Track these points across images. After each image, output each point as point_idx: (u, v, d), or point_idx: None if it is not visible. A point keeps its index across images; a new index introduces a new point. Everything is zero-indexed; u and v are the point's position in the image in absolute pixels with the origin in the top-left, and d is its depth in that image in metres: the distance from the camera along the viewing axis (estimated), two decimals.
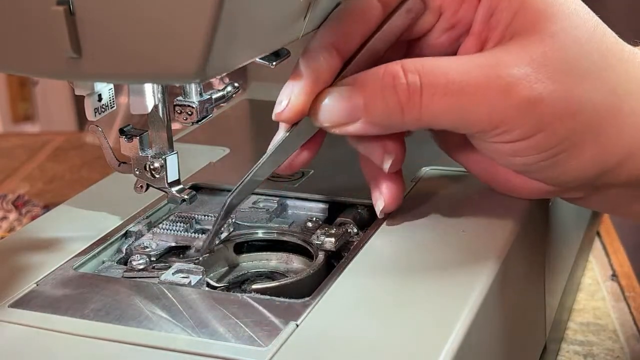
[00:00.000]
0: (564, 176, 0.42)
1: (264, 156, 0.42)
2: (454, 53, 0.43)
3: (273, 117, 0.41)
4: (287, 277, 0.45)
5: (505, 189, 0.46)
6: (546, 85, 0.39)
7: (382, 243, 0.43)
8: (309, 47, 0.41)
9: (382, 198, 0.44)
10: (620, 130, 0.41)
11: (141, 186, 0.46)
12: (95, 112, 0.42)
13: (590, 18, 0.42)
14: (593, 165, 0.41)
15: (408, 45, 0.44)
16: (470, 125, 0.40)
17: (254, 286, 0.41)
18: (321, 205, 0.49)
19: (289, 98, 0.40)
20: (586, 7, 0.42)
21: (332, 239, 0.44)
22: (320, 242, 0.44)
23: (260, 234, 0.47)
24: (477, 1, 0.42)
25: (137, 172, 0.45)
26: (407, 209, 0.46)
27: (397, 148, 0.43)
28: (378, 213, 0.45)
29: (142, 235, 0.46)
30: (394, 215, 0.46)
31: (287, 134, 0.41)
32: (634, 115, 0.41)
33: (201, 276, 0.41)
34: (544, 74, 0.39)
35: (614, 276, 0.66)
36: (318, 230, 0.45)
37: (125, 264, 0.44)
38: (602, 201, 0.46)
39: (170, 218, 0.47)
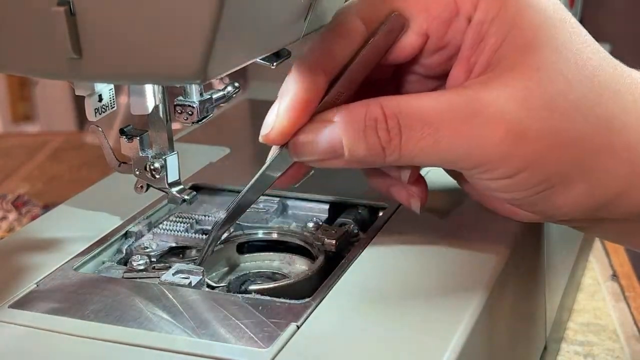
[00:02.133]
0: (554, 210, 0.41)
1: (249, 183, 0.42)
2: (446, 73, 0.42)
3: (260, 139, 0.40)
4: (287, 278, 0.45)
5: (504, 213, 0.45)
6: (529, 123, 0.38)
7: (383, 243, 0.43)
8: (294, 68, 0.40)
9: (415, 197, 0.43)
10: (613, 166, 0.40)
11: (141, 186, 0.46)
12: (95, 113, 0.42)
13: (583, 48, 0.40)
14: (584, 201, 0.40)
15: (398, 67, 0.43)
16: (451, 165, 0.40)
17: (254, 287, 0.41)
18: (322, 206, 0.49)
19: (275, 120, 0.39)
20: (584, 33, 0.41)
21: (333, 240, 0.44)
22: (320, 243, 0.44)
23: (260, 234, 0.47)
24: (465, 24, 0.40)
25: (138, 173, 0.45)
26: (407, 209, 0.46)
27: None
28: (418, 210, 0.43)
29: (142, 236, 0.46)
30: (395, 216, 0.46)
31: (271, 159, 0.41)
32: (627, 151, 0.40)
33: (201, 277, 0.41)
34: (525, 110, 0.38)
35: (614, 276, 0.66)
36: (318, 231, 0.45)
37: (126, 264, 0.44)
38: (605, 232, 0.45)
39: (170, 218, 0.47)
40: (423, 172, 0.51)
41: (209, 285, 0.42)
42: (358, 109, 0.39)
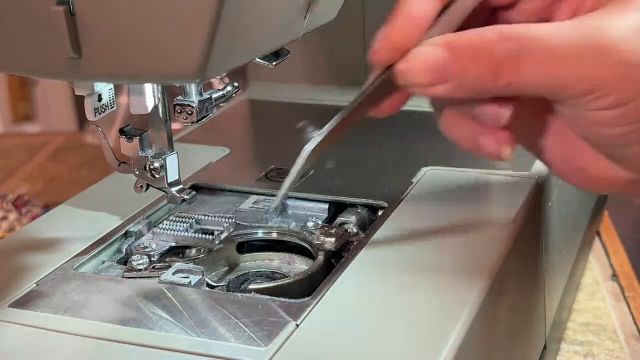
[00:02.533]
0: None
1: (352, 100, 0.40)
2: (541, 21, 0.41)
3: (369, 57, 0.39)
4: (287, 277, 0.45)
5: (579, 179, 0.43)
6: None
7: (382, 243, 0.43)
8: None
9: (505, 143, 0.41)
10: None
11: (141, 186, 0.46)
12: (95, 112, 0.42)
13: None
14: None
15: (494, 13, 0.43)
16: (565, 90, 0.39)
17: (253, 286, 0.41)
18: (321, 206, 0.49)
19: (385, 37, 0.38)
20: None
21: (332, 239, 0.44)
22: (320, 242, 0.44)
23: (260, 233, 0.47)
24: None
25: (137, 172, 0.45)
26: (407, 208, 0.47)
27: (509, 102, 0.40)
28: (510, 156, 0.41)
29: (142, 235, 0.46)
30: (395, 215, 0.46)
31: (376, 80, 0.39)
32: None
33: (201, 276, 0.41)
34: None
35: (614, 276, 0.66)
36: (318, 230, 0.45)
37: (125, 264, 0.44)
38: None
39: (170, 218, 0.47)
40: (421, 172, 0.51)
41: (208, 285, 0.42)
42: (470, 34, 0.38)
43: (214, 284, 0.42)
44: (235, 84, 0.47)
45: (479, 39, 0.38)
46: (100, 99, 0.42)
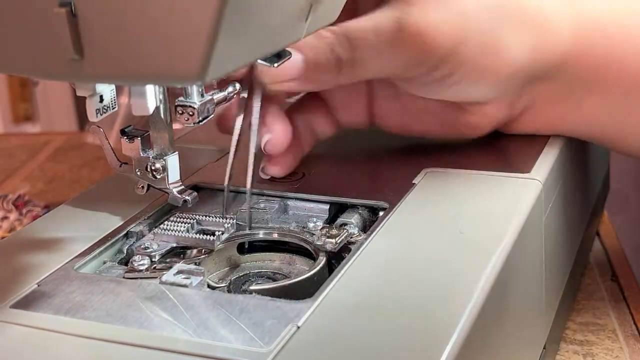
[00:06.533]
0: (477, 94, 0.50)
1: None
2: None
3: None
4: (288, 278, 0.45)
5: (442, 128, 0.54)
6: (446, 9, 0.46)
7: (383, 244, 0.43)
8: None
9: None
10: (513, 39, 0.48)
11: (142, 187, 0.46)
12: (96, 113, 0.42)
13: None
14: (507, 75, 0.49)
15: None
16: (390, 64, 0.47)
17: (255, 287, 0.41)
18: (322, 206, 0.49)
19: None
20: None
21: (333, 240, 0.44)
22: (321, 243, 0.44)
23: (261, 234, 0.47)
24: None
25: (138, 173, 0.45)
26: (407, 209, 0.47)
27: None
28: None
29: (143, 236, 0.47)
30: (396, 216, 0.46)
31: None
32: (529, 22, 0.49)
33: (202, 277, 0.41)
34: (442, 23, 0.46)
35: (614, 276, 0.66)
36: (319, 231, 0.45)
37: (127, 264, 0.44)
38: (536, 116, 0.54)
39: (171, 219, 0.48)
40: (422, 173, 0.51)
41: (209, 286, 0.42)
42: (314, 37, 0.45)
43: (215, 285, 0.43)
44: (236, 85, 0.47)
45: (322, 37, 0.45)
46: (101, 100, 0.42)
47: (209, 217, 0.47)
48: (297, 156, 0.52)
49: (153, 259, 0.44)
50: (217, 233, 0.45)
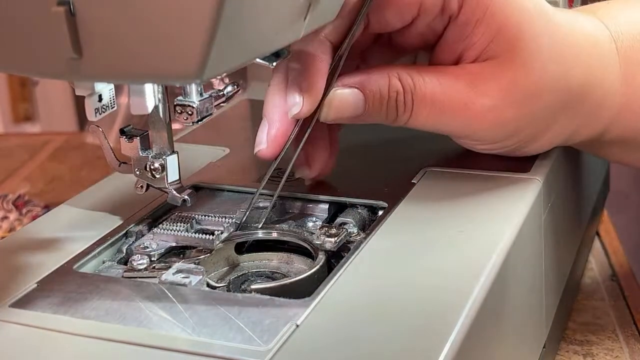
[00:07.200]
0: (531, 151, 0.51)
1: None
2: (413, 49, 0.51)
3: (290, 114, 0.45)
4: (287, 277, 0.45)
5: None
6: (513, 111, 0.47)
7: (382, 243, 0.43)
8: (303, 49, 0.45)
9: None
10: (573, 118, 0.50)
11: (141, 186, 0.46)
12: (95, 113, 0.42)
13: (558, 29, 0.48)
14: (550, 145, 0.51)
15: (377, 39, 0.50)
16: (447, 132, 0.50)
17: (254, 286, 0.41)
18: (322, 206, 0.49)
19: (302, 97, 0.45)
20: (560, 18, 0.49)
21: (333, 239, 0.44)
22: (320, 242, 0.44)
23: (260, 234, 0.47)
24: (447, 20, 0.47)
25: (138, 172, 0.45)
26: (406, 209, 0.47)
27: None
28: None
29: (143, 235, 0.47)
30: (394, 215, 0.46)
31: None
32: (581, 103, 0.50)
33: (201, 276, 0.41)
34: (510, 100, 0.47)
35: (614, 276, 0.66)
36: (318, 231, 0.45)
37: (126, 264, 0.44)
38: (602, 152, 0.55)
39: (170, 218, 0.48)
40: (421, 173, 0.51)
41: (209, 285, 0.42)
42: (380, 80, 0.47)
43: (215, 284, 0.43)
44: (236, 84, 0.47)
45: (389, 86, 0.47)
46: (100, 99, 0.42)
47: (208, 216, 0.47)
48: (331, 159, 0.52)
49: (152, 259, 0.44)
50: (216, 232, 0.45)
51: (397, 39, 0.50)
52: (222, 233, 0.46)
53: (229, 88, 0.47)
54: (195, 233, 0.46)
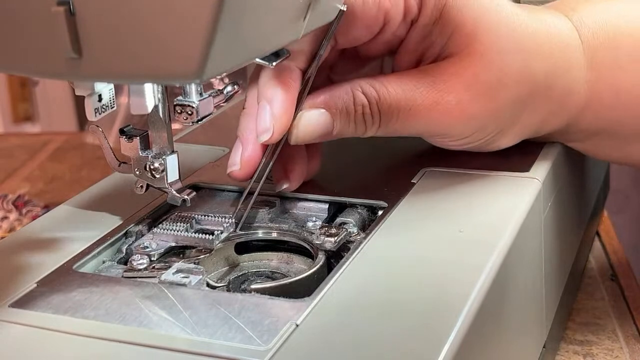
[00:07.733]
0: (497, 146, 0.52)
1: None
2: (379, 56, 0.52)
3: (260, 140, 0.46)
4: (287, 277, 0.45)
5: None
6: (478, 105, 0.48)
7: (382, 243, 0.43)
8: (266, 75, 0.46)
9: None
10: (540, 108, 0.50)
11: (141, 186, 0.46)
12: (95, 113, 0.42)
13: (517, 23, 0.49)
14: (521, 137, 0.52)
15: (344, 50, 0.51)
16: (417, 134, 0.50)
17: (254, 286, 0.41)
18: (321, 206, 0.49)
19: (274, 123, 0.45)
20: (517, 11, 0.49)
21: (332, 239, 0.44)
22: (320, 242, 0.44)
23: (260, 234, 0.47)
24: (409, 24, 0.48)
25: (137, 172, 0.45)
26: (406, 209, 0.47)
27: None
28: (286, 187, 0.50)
29: (143, 235, 0.47)
30: (394, 215, 0.46)
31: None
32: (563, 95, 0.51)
33: (201, 276, 0.41)
34: (474, 94, 0.48)
35: (614, 276, 0.66)
36: (318, 230, 0.45)
37: (126, 264, 0.44)
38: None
39: (170, 218, 0.48)
40: (420, 173, 0.51)
41: (208, 285, 0.42)
42: (344, 97, 0.47)
43: (215, 284, 0.43)
44: (236, 84, 0.47)
45: (352, 103, 0.47)
46: (100, 99, 0.42)
47: (208, 216, 0.47)
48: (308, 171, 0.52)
49: (152, 258, 0.44)
50: (216, 232, 0.45)
51: (363, 50, 0.50)
52: (221, 233, 0.46)
53: (229, 88, 0.47)
54: (195, 233, 0.46)
